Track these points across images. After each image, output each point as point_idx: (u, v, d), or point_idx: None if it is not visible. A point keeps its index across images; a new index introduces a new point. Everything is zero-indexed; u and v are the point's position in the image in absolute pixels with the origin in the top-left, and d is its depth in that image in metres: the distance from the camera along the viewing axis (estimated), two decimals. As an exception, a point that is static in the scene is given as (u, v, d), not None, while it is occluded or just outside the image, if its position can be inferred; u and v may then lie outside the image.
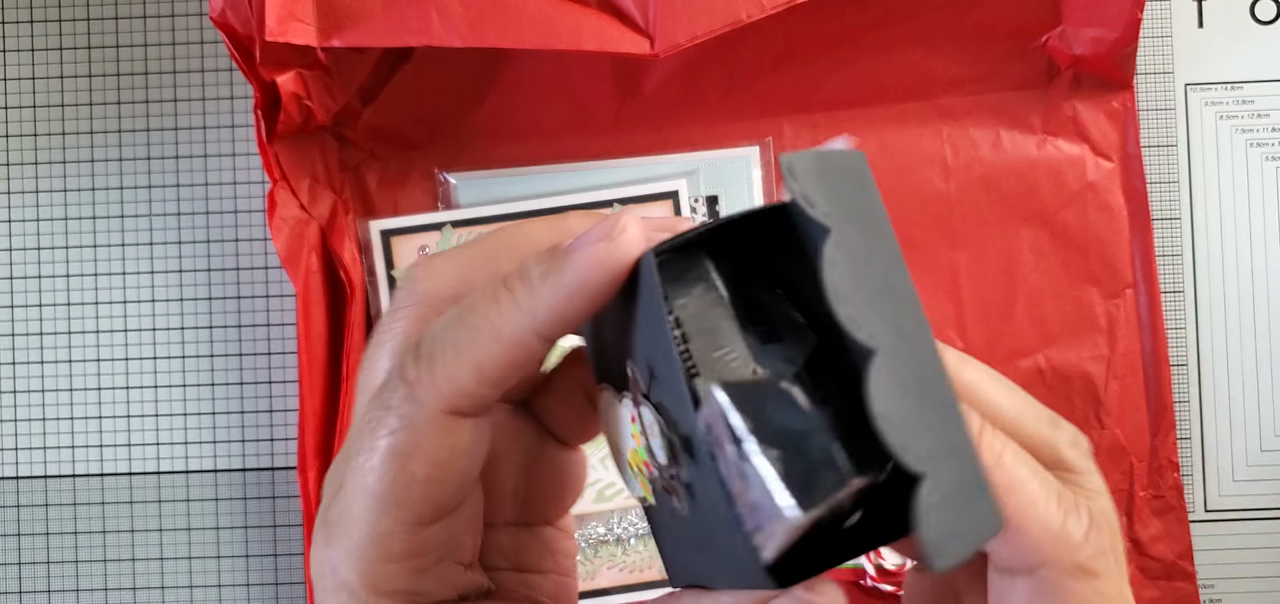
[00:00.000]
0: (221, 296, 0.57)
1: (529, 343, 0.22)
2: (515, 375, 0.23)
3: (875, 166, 0.62)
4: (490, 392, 0.23)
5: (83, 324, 0.57)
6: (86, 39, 0.57)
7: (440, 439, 0.23)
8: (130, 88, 0.57)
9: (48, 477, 0.57)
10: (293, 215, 0.52)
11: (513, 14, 0.48)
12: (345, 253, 0.53)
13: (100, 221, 0.57)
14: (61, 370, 0.57)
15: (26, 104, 0.57)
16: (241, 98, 0.57)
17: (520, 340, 0.22)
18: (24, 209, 0.57)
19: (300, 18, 0.48)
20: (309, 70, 0.50)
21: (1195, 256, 0.56)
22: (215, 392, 0.57)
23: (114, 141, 0.57)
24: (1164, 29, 0.57)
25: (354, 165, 0.55)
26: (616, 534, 0.54)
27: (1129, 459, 0.54)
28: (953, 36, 0.54)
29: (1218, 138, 0.56)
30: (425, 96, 0.54)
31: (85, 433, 0.57)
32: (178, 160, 0.57)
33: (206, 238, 0.57)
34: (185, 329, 0.57)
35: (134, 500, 0.57)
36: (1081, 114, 0.55)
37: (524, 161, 0.55)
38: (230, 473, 0.57)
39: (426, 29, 0.48)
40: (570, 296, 0.22)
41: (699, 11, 0.49)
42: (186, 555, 0.56)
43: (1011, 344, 0.55)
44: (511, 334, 0.22)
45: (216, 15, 0.48)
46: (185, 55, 0.57)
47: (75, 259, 0.57)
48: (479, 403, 0.23)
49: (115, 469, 0.57)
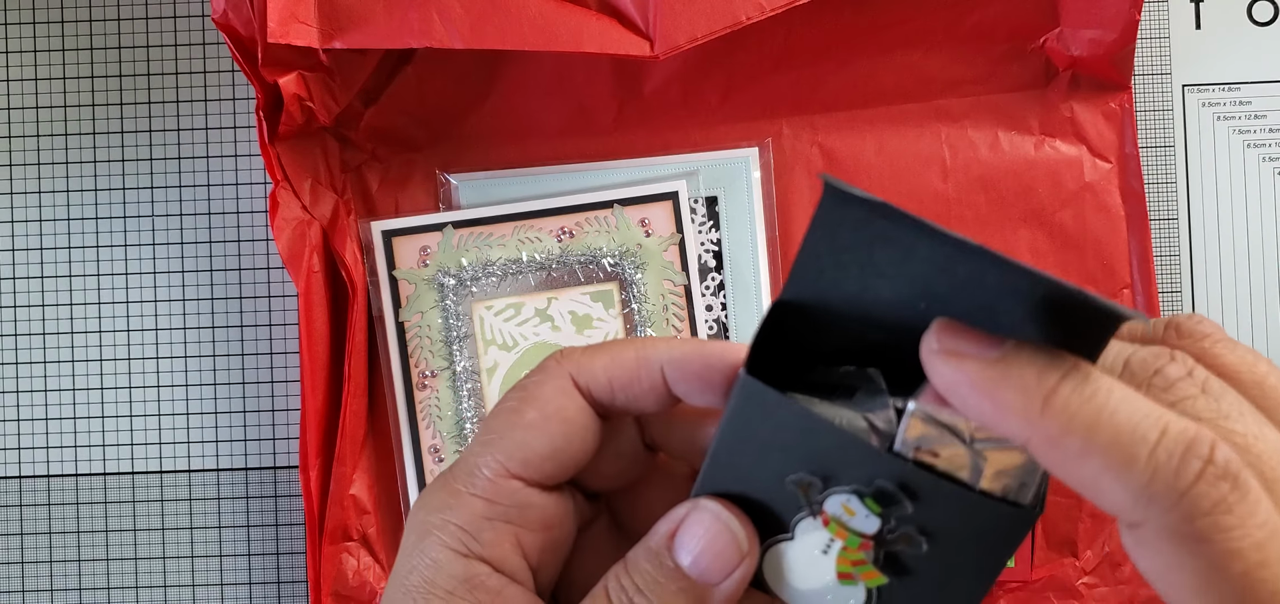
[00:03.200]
0: (224, 297, 0.57)
1: (653, 373, 0.27)
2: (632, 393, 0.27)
3: (874, 168, 0.62)
4: (610, 390, 0.27)
5: (86, 324, 0.57)
6: (88, 40, 0.57)
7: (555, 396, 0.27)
8: (133, 89, 0.57)
9: (51, 476, 0.57)
10: (295, 216, 0.52)
11: (513, 16, 0.48)
12: (347, 253, 0.53)
13: (103, 222, 0.57)
14: (65, 370, 0.57)
15: (29, 105, 0.57)
16: (243, 99, 0.57)
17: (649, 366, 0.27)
18: (27, 210, 0.57)
19: (302, 19, 0.48)
20: (311, 72, 0.51)
21: (1192, 257, 0.56)
22: (217, 391, 0.57)
23: (116, 142, 0.57)
24: (1161, 30, 0.57)
25: (356, 166, 0.56)
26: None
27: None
28: (951, 38, 0.54)
29: (1215, 139, 0.57)
30: (426, 98, 0.54)
31: (88, 432, 0.57)
32: (180, 161, 0.57)
33: (209, 238, 0.57)
34: (187, 329, 0.57)
35: (137, 499, 0.57)
36: (1079, 115, 0.55)
37: (525, 162, 0.56)
38: (232, 472, 0.57)
39: (428, 31, 0.48)
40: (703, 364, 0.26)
41: (699, 13, 0.49)
42: (189, 554, 0.57)
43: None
44: (649, 356, 0.27)
45: (219, 17, 0.48)
46: (187, 57, 0.57)
47: (78, 259, 0.57)
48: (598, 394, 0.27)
49: (118, 468, 0.57)
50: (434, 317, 0.54)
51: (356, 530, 0.54)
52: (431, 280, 0.54)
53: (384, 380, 0.55)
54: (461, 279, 0.54)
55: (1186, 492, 0.19)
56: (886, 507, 0.24)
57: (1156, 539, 0.20)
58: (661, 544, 0.25)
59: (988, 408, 0.21)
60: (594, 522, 0.30)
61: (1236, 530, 0.19)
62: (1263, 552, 0.19)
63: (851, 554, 0.25)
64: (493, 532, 0.26)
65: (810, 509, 0.25)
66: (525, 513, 0.26)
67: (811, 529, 0.25)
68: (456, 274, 0.54)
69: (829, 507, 0.25)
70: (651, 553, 0.25)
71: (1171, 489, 0.19)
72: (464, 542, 0.26)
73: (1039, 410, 0.20)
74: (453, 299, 0.54)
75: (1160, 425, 0.20)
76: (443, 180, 0.55)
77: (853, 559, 0.25)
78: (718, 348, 0.26)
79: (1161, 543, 0.20)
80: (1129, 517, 0.20)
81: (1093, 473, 0.20)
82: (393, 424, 0.54)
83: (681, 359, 0.26)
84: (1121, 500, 0.20)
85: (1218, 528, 0.19)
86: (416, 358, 0.54)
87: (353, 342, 0.53)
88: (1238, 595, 0.19)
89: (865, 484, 0.24)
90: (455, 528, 0.26)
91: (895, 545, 0.25)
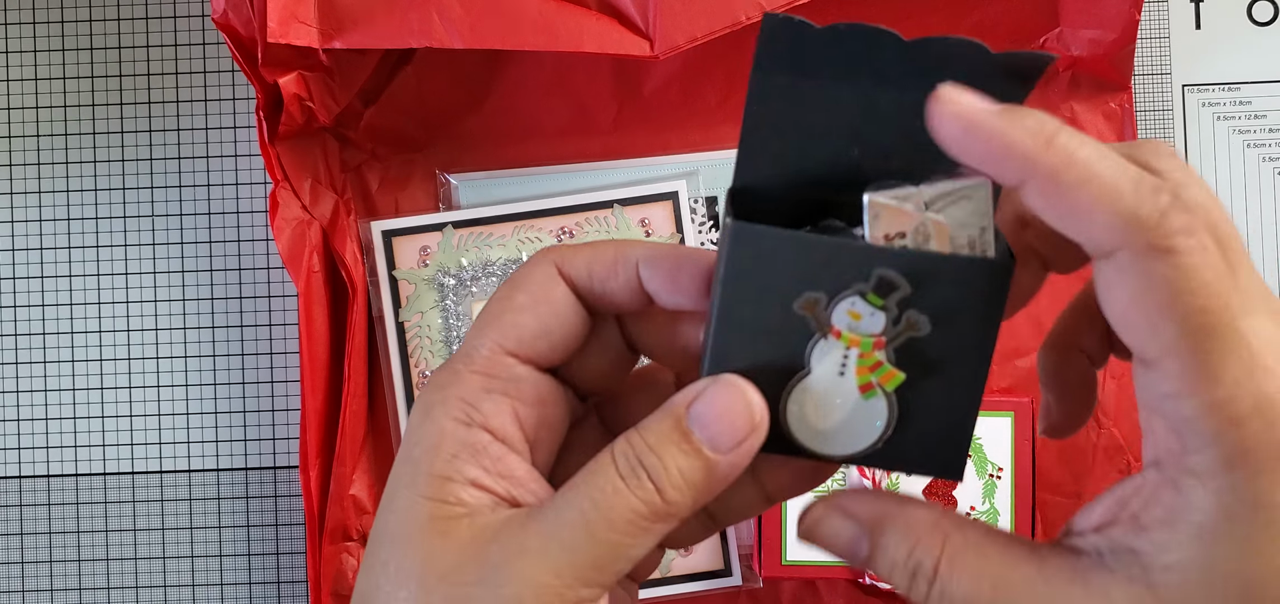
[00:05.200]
0: (224, 297, 0.57)
1: (630, 267, 0.29)
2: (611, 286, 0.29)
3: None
4: (590, 282, 0.29)
5: (86, 324, 0.57)
6: (88, 40, 0.57)
7: (542, 282, 0.29)
8: (133, 89, 0.57)
9: (51, 476, 0.57)
10: (295, 216, 0.52)
11: (513, 16, 0.48)
12: (347, 253, 0.53)
13: (103, 222, 0.57)
14: (65, 370, 0.57)
15: (29, 105, 0.57)
16: (243, 99, 0.57)
17: (628, 261, 0.29)
18: (26, 210, 0.57)
19: (302, 19, 0.48)
20: (311, 71, 0.51)
21: (1192, 257, 0.56)
22: (217, 391, 0.57)
23: (116, 142, 0.57)
24: (1161, 30, 0.57)
25: (355, 166, 0.56)
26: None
27: (1126, 458, 0.54)
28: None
29: (1215, 139, 0.57)
30: (426, 98, 0.54)
31: (88, 432, 0.57)
32: (180, 161, 0.57)
33: (209, 238, 0.57)
34: (187, 329, 0.57)
35: (137, 499, 0.57)
36: (1079, 115, 0.55)
37: (525, 162, 0.56)
38: (232, 472, 0.57)
39: (428, 31, 0.48)
40: (676, 265, 0.29)
41: (698, 13, 0.49)
42: (190, 554, 0.57)
43: (1010, 344, 0.55)
44: (628, 254, 0.29)
45: (219, 17, 0.48)
46: (187, 57, 0.57)
47: (78, 259, 0.57)
48: (580, 283, 0.29)
49: (118, 468, 0.57)
50: (434, 317, 0.54)
51: (356, 530, 0.54)
52: (431, 280, 0.54)
53: (384, 380, 0.55)
54: (461, 279, 0.54)
55: (1164, 212, 0.23)
56: (888, 295, 0.26)
57: (1134, 261, 0.23)
58: (678, 409, 0.27)
59: (997, 149, 0.24)
60: (585, 420, 0.32)
61: (1197, 254, 0.23)
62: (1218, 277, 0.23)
63: (868, 360, 0.27)
64: (491, 403, 0.28)
65: (820, 330, 0.27)
66: (520, 387, 0.28)
67: (826, 352, 0.27)
68: (456, 274, 0.54)
69: (836, 319, 0.27)
70: (666, 413, 0.27)
71: (1153, 210, 0.23)
72: (466, 412, 0.28)
73: (1045, 147, 0.24)
74: (453, 299, 0.54)
75: (1136, 171, 0.24)
76: (443, 180, 0.55)
77: (870, 364, 0.27)
78: (689, 250, 0.29)
79: (1138, 262, 0.23)
80: (1111, 242, 0.24)
81: (1088, 200, 0.24)
82: (393, 424, 0.54)
83: (655, 257, 0.29)
84: (1110, 224, 0.23)
85: (1186, 247, 0.23)
86: (416, 358, 0.54)
87: (353, 342, 0.53)
88: (1201, 308, 0.23)
89: (864, 280, 0.26)
90: (457, 400, 0.28)
91: (902, 335, 0.27)
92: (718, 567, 0.54)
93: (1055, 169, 0.24)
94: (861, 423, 0.28)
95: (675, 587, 0.54)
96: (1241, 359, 0.23)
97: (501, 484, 0.28)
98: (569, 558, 0.26)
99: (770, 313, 0.27)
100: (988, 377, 0.27)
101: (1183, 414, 0.24)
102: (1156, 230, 0.23)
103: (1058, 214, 0.24)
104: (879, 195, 0.26)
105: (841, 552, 0.28)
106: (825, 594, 0.55)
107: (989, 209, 0.26)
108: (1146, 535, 0.25)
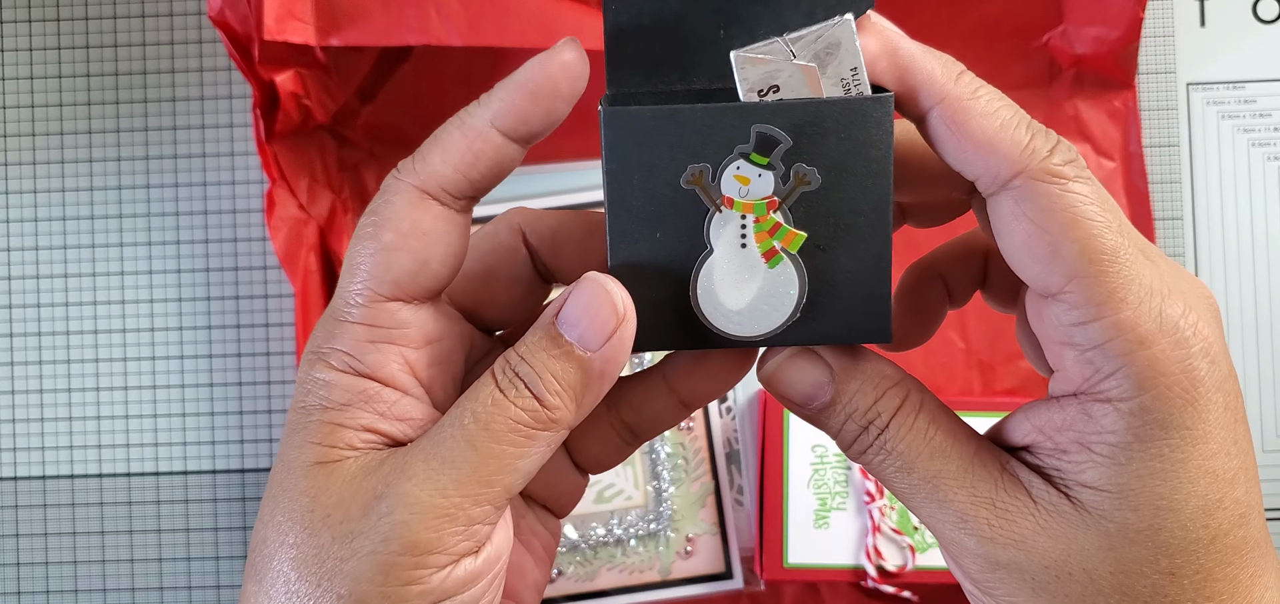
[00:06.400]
0: (220, 296, 0.57)
1: (485, 132, 0.27)
2: (480, 167, 0.27)
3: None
4: (454, 175, 0.27)
5: (81, 324, 0.57)
6: (84, 38, 0.57)
7: (406, 212, 0.27)
8: (128, 87, 0.57)
9: (46, 477, 0.57)
10: (291, 215, 0.52)
11: (512, 13, 0.48)
12: (344, 252, 0.53)
13: (98, 221, 0.57)
14: (60, 371, 0.57)
15: (25, 104, 0.57)
16: (240, 97, 0.57)
17: (479, 130, 0.27)
18: (21, 209, 0.57)
19: (299, 17, 0.48)
20: (307, 69, 0.50)
21: (1197, 256, 0.56)
22: (213, 392, 0.56)
23: (112, 141, 0.57)
24: (1166, 28, 0.56)
25: (352, 164, 0.55)
26: (616, 535, 0.54)
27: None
28: (953, 35, 0.54)
29: (1219, 137, 0.56)
30: (424, 95, 0.54)
31: (83, 434, 0.57)
32: (176, 160, 0.57)
33: (205, 238, 0.57)
34: (184, 329, 0.57)
35: (132, 501, 0.56)
36: (1083, 113, 0.55)
37: (524, 161, 0.55)
38: (228, 474, 0.56)
39: (425, 28, 0.48)
40: (519, 89, 0.27)
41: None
42: (185, 556, 0.56)
43: (1012, 344, 0.54)
44: (473, 124, 0.27)
45: (215, 14, 0.48)
46: (183, 54, 0.57)
47: (73, 259, 0.57)
48: (447, 187, 0.27)
49: (113, 470, 0.56)
50: (432, 317, 0.54)
51: (354, 532, 0.53)
52: (429, 280, 0.54)
53: (382, 381, 0.54)
54: (460, 279, 0.54)
55: (1054, 148, 0.26)
56: (770, 151, 0.26)
57: (1032, 188, 0.25)
58: (548, 317, 0.27)
59: (917, 75, 0.26)
60: (494, 353, 0.31)
61: (1089, 186, 0.26)
62: (1107, 211, 0.26)
63: (765, 223, 0.27)
64: (377, 354, 0.27)
65: (712, 203, 0.27)
66: (406, 332, 0.28)
67: (724, 225, 0.27)
68: (455, 274, 0.54)
69: (726, 187, 0.27)
70: (537, 326, 0.27)
71: (1045, 145, 0.26)
72: (350, 365, 0.27)
73: (955, 79, 0.26)
74: (451, 299, 0.54)
75: (1028, 118, 0.27)
76: (441, 179, 0.55)
77: (768, 227, 0.27)
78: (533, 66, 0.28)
79: (1037, 188, 0.25)
80: (1010, 170, 0.26)
81: (992, 129, 0.26)
82: (390, 425, 0.54)
83: (503, 99, 0.28)
84: (1010, 154, 0.26)
85: (1079, 177, 0.26)
86: (414, 358, 0.54)
87: (350, 342, 0.53)
88: (1097, 233, 0.25)
89: (745, 141, 0.26)
90: (341, 353, 0.27)
91: (795, 190, 0.27)
92: (719, 569, 0.54)
93: (963, 99, 0.26)
94: (775, 295, 0.28)
95: (677, 590, 0.54)
96: (1141, 283, 0.25)
97: (398, 427, 0.27)
98: (453, 475, 0.26)
99: (660, 195, 0.27)
100: (893, 224, 0.27)
101: (1092, 339, 0.25)
102: (1051, 160, 0.26)
103: (959, 143, 0.26)
104: (743, 51, 0.26)
105: (800, 396, 0.29)
106: (827, 597, 0.55)
107: (856, 48, 0.27)
108: (1066, 457, 0.26)
